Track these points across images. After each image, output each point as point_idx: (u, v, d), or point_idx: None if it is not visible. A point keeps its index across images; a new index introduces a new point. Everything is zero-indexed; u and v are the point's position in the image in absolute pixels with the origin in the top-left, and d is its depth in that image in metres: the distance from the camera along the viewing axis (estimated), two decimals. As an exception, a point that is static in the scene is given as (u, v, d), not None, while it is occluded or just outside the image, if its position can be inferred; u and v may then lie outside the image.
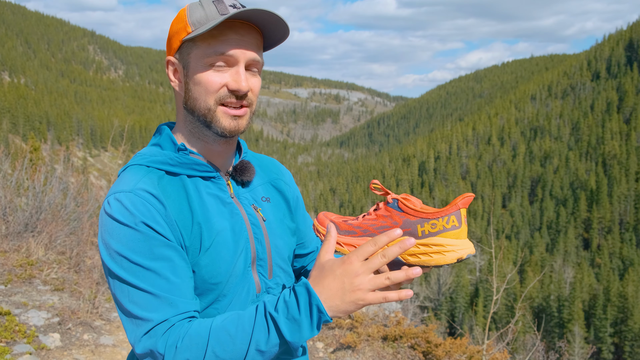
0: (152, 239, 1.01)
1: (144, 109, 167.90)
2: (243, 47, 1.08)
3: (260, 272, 1.18)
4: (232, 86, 1.08)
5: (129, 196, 1.03)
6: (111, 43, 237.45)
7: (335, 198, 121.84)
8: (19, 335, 3.71)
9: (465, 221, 1.00)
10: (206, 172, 1.14)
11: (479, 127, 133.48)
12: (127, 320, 1.01)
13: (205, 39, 1.07)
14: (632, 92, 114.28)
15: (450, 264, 0.98)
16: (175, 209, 1.07)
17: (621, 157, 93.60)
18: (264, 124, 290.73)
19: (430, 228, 0.99)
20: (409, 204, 1.02)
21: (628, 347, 47.16)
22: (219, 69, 1.08)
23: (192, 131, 1.16)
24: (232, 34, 1.07)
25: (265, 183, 1.30)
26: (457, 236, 0.99)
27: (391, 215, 1.04)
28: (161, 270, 1.00)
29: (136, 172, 1.10)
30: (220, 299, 1.11)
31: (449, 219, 0.99)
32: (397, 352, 4.85)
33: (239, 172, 1.21)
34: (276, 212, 1.27)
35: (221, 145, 1.17)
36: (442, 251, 0.98)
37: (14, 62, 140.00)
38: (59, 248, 5.96)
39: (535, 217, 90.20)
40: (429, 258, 0.99)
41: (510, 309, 43.25)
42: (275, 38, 1.16)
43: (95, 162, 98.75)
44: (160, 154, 1.13)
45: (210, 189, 1.15)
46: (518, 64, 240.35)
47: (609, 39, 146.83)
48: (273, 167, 1.36)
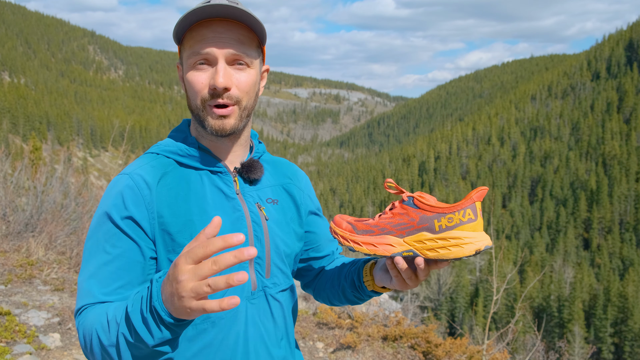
0: (108, 233, 1.08)
1: (144, 109, 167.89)
2: (219, 43, 1.09)
3: (258, 270, 1.18)
4: (210, 83, 1.10)
5: (124, 178, 1.12)
6: (111, 43, 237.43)
7: (336, 198, 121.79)
8: (19, 335, 3.72)
9: (480, 214, 1.01)
10: (212, 166, 1.18)
11: (479, 127, 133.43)
12: None
13: (187, 41, 1.12)
14: (632, 92, 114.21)
15: (468, 256, 0.99)
16: (169, 198, 1.11)
17: (621, 157, 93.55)
18: (264, 124, 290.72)
19: (447, 222, 1.01)
20: (424, 200, 1.04)
21: (628, 347, 47.14)
22: (200, 69, 1.11)
23: (198, 129, 1.21)
24: (209, 33, 1.09)
25: (276, 185, 1.30)
26: (474, 229, 1.00)
27: (407, 212, 1.05)
28: (102, 260, 1.07)
29: (144, 158, 1.18)
30: (212, 293, 1.09)
31: (464, 212, 1.00)
32: (397, 352, 4.85)
33: (246, 170, 1.22)
34: (282, 214, 1.27)
35: (225, 142, 1.20)
36: (460, 244, 0.99)
37: (14, 62, 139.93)
38: (59, 248, 5.96)
39: (535, 217, 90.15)
40: (448, 251, 1.00)
41: (510, 309, 43.23)
42: (258, 30, 1.15)
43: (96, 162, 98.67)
44: (173, 144, 1.19)
45: (216, 183, 1.17)
46: (518, 64, 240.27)
47: (609, 39, 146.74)
48: (288, 171, 1.36)
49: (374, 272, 1.22)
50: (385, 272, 1.17)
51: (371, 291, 1.25)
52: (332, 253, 1.44)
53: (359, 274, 1.27)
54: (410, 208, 1.05)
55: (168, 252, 1.10)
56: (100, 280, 1.06)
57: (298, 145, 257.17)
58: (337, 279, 1.35)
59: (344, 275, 1.32)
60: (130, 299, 0.96)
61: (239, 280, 0.76)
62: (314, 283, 1.45)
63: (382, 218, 1.09)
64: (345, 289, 1.31)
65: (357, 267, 1.29)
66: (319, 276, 1.44)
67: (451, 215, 1.00)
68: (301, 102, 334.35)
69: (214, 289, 0.79)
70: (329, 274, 1.39)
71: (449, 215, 1.00)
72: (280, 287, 1.23)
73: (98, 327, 0.98)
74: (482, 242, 0.99)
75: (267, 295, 1.20)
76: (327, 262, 1.43)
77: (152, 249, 1.10)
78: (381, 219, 1.08)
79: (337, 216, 1.16)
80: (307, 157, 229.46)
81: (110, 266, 1.07)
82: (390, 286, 1.16)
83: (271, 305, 1.20)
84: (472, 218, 0.99)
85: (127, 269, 1.07)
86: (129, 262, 1.08)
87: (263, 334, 1.18)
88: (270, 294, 1.20)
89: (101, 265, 1.07)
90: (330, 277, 1.38)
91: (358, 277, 1.27)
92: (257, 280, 1.18)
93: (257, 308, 1.17)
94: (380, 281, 1.19)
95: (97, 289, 1.05)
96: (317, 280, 1.44)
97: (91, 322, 1.00)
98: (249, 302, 1.16)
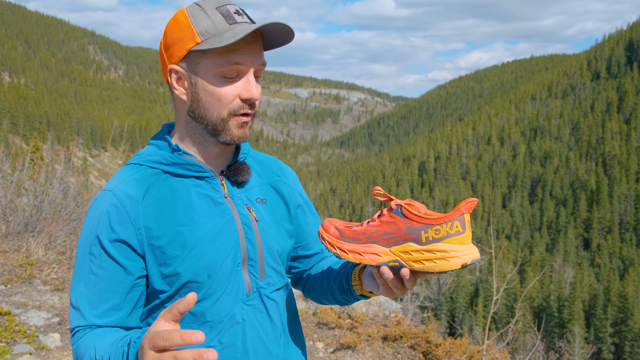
0: (95, 255, 1.09)
1: (144, 109, 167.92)
2: (253, 54, 1.09)
3: (251, 272, 1.18)
4: (244, 95, 1.09)
5: (107, 196, 1.10)
6: (111, 43, 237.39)
7: (336, 198, 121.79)
8: (19, 335, 3.72)
9: (469, 226, 0.99)
10: (199, 172, 1.15)
11: (479, 127, 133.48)
12: None
13: (216, 49, 1.07)
14: (632, 92, 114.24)
15: (454, 269, 0.98)
16: (156, 211, 1.10)
17: (621, 157, 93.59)
18: (264, 124, 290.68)
19: (434, 234, 0.99)
20: (413, 209, 1.02)
21: (628, 347, 47.16)
22: (230, 80, 1.09)
23: (193, 136, 1.17)
24: (242, 43, 1.07)
25: (263, 184, 1.29)
26: (461, 242, 0.98)
27: (395, 221, 1.04)
28: (91, 282, 1.09)
29: (127, 170, 1.15)
30: (207, 297, 1.12)
31: (452, 224, 0.98)
32: (397, 352, 4.85)
33: (233, 173, 1.20)
34: (272, 213, 1.26)
35: (221, 148, 1.18)
36: (446, 257, 0.98)
37: (14, 62, 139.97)
38: (59, 248, 5.96)
39: (535, 217, 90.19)
40: (434, 264, 0.98)
41: (510, 309, 43.25)
42: (277, 42, 1.15)
43: (95, 162, 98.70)
44: (156, 153, 1.15)
45: (203, 189, 1.15)
46: (518, 64, 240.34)
47: (609, 39, 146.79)
48: (275, 168, 1.35)
49: (362, 277, 1.22)
50: (373, 278, 1.17)
51: (359, 295, 1.25)
52: (322, 251, 1.43)
53: (348, 278, 1.26)
54: (397, 217, 1.03)
55: (159, 265, 1.10)
56: (90, 301, 1.08)
57: (298, 145, 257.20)
58: (326, 280, 1.34)
59: (333, 277, 1.32)
60: (115, 346, 0.99)
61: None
62: (303, 281, 1.44)
63: (370, 225, 1.07)
64: (334, 290, 1.31)
65: (346, 270, 1.28)
66: (308, 275, 1.43)
67: (438, 227, 0.98)
68: (301, 102, 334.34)
69: None
70: (319, 274, 1.38)
71: (436, 227, 0.99)
72: (274, 286, 1.23)
73: (87, 359, 1.03)
74: (469, 255, 0.98)
75: (262, 295, 1.20)
76: (317, 260, 1.43)
77: (142, 267, 1.11)
78: (369, 227, 1.07)
79: (325, 220, 1.15)
80: (307, 157, 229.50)
81: (98, 287, 1.08)
82: (377, 292, 1.16)
83: (267, 305, 1.20)
84: (459, 230, 0.98)
85: (114, 290, 1.08)
86: (116, 284, 1.09)
87: (261, 334, 1.18)
88: (265, 294, 1.20)
89: (89, 286, 1.08)
90: (319, 277, 1.38)
91: (347, 280, 1.26)
92: (251, 282, 1.18)
93: (253, 309, 1.18)
94: (368, 287, 1.19)
95: (87, 310, 1.08)
96: (306, 279, 1.43)
97: (82, 351, 1.05)
98: (245, 305, 1.16)
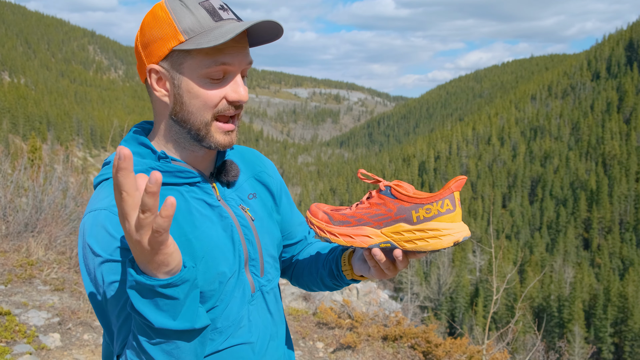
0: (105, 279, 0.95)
1: (144, 109, 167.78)
2: (240, 54, 1.03)
3: (253, 271, 1.16)
4: (232, 97, 1.03)
5: (103, 215, 0.97)
6: (111, 43, 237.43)
7: (336, 198, 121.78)
8: (19, 335, 3.72)
9: (459, 204, 0.98)
10: (190, 178, 1.08)
11: (479, 127, 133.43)
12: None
13: (202, 49, 0.99)
14: (632, 92, 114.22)
15: (447, 247, 0.97)
16: None
17: (621, 157, 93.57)
18: (264, 124, 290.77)
19: (425, 213, 0.98)
20: (402, 190, 1.01)
21: (628, 347, 47.15)
22: (216, 81, 1.02)
23: (178, 140, 1.09)
24: (230, 41, 1.00)
25: (249, 178, 1.26)
26: (452, 219, 0.98)
27: (385, 202, 1.03)
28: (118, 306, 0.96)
29: (107, 187, 1.03)
30: (218, 304, 1.07)
31: (443, 202, 0.97)
32: (397, 352, 4.85)
33: (223, 173, 1.16)
34: (263, 207, 1.24)
35: (207, 151, 1.12)
36: (438, 235, 0.97)
37: (14, 62, 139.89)
38: (59, 248, 5.96)
39: (535, 217, 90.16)
40: (426, 243, 0.98)
41: (510, 309, 43.24)
42: (264, 39, 1.09)
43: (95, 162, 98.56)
44: (141, 163, 1.04)
45: (197, 195, 1.10)
46: (518, 64, 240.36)
47: (609, 39, 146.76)
48: (256, 160, 1.32)
49: (352, 261, 1.21)
50: (364, 261, 1.16)
51: (350, 280, 1.24)
52: (305, 238, 1.41)
53: (337, 263, 1.24)
54: (387, 198, 1.02)
55: None
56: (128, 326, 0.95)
57: (298, 145, 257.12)
58: (314, 266, 1.33)
59: (322, 264, 1.30)
60: None
61: (155, 179, 0.71)
62: (290, 270, 1.43)
63: (359, 208, 1.06)
64: (323, 277, 1.30)
65: (335, 255, 1.27)
66: (295, 263, 1.41)
67: (429, 206, 0.98)
68: (301, 102, 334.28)
69: (144, 209, 0.73)
70: (306, 261, 1.37)
71: (427, 206, 0.98)
72: (273, 281, 1.23)
73: (130, 350, 0.92)
74: (460, 233, 0.97)
75: (264, 292, 1.19)
76: (301, 247, 1.40)
77: None
78: (358, 209, 1.06)
79: (313, 205, 1.13)
80: (307, 157, 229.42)
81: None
82: (369, 275, 1.14)
83: (267, 300, 1.20)
84: (450, 209, 0.97)
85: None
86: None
87: (264, 330, 1.18)
88: (266, 290, 1.19)
89: (123, 307, 0.95)
90: (307, 265, 1.36)
91: (337, 265, 1.25)
92: (254, 282, 1.17)
93: (256, 308, 1.16)
94: (359, 270, 1.18)
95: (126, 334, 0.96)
96: (293, 267, 1.42)
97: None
98: (250, 305, 1.15)
